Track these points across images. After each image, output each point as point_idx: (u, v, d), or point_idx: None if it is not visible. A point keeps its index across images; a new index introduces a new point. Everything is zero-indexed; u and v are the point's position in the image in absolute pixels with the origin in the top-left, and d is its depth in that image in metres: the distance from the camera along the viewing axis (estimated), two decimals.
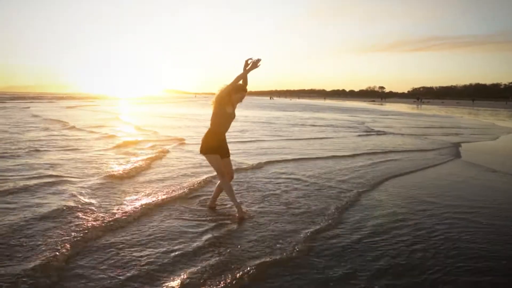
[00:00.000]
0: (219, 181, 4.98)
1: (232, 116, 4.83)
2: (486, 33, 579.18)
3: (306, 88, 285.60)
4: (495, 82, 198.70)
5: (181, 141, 11.36)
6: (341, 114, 32.67)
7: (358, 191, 6.02)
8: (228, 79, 4.57)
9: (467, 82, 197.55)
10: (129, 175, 6.55)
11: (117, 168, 7.12)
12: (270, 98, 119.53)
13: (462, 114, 39.93)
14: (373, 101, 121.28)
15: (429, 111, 45.60)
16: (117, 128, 15.49)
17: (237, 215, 4.72)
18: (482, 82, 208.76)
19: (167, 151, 9.24)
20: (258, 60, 4.59)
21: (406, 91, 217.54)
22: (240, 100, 4.78)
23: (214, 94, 4.73)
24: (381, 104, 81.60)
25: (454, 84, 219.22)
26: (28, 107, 32.15)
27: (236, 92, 4.69)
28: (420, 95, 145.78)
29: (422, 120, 27.05)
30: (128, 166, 7.23)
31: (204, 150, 4.75)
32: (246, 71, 4.61)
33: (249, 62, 4.59)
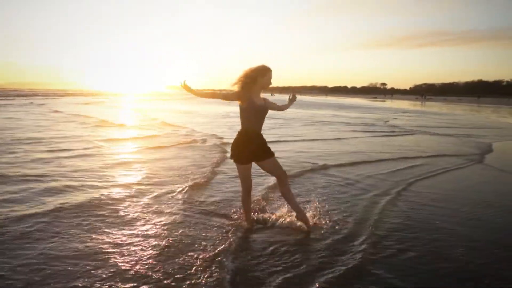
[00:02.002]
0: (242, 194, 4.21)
1: (262, 110, 3.94)
2: (491, 28, 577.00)
3: (308, 85, 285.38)
4: (497, 79, 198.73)
5: (220, 138, 11.77)
6: (352, 112, 32.90)
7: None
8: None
9: (470, 79, 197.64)
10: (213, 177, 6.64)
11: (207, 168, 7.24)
12: (272, 95, 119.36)
13: (468, 111, 40.10)
14: (375, 97, 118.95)
15: (434, 108, 45.58)
16: (155, 125, 16.05)
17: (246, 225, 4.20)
18: (484, 78, 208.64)
19: (226, 151, 9.27)
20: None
21: (408, 88, 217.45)
22: (269, 83, 3.90)
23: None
24: (384, 101, 79.57)
25: (456, 80, 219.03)
26: (44, 103, 32.52)
27: (263, 74, 3.82)
28: (423, 91, 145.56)
29: (436, 118, 27.32)
30: (211, 168, 7.31)
31: (232, 157, 4.05)
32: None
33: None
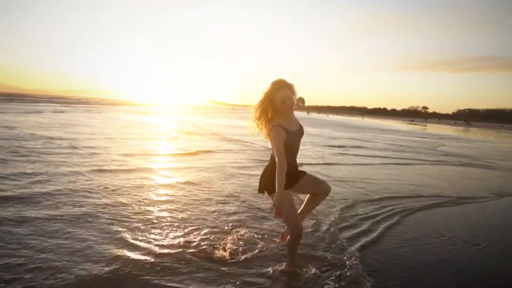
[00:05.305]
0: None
1: (300, 134, 3.36)
2: None
3: (347, 105, 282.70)
4: None
5: None
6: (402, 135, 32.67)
7: None
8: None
9: None
10: None
11: None
12: (308, 113, 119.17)
13: None
14: (412, 121, 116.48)
15: (480, 135, 43.66)
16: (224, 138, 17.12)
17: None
18: None
19: None
20: None
21: (450, 112, 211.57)
22: (285, 98, 3.09)
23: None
24: (424, 126, 72.41)
25: (501, 107, 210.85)
26: (101, 111, 34.80)
27: (275, 90, 3.09)
28: (466, 117, 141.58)
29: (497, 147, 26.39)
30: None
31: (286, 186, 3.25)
32: None
33: None
